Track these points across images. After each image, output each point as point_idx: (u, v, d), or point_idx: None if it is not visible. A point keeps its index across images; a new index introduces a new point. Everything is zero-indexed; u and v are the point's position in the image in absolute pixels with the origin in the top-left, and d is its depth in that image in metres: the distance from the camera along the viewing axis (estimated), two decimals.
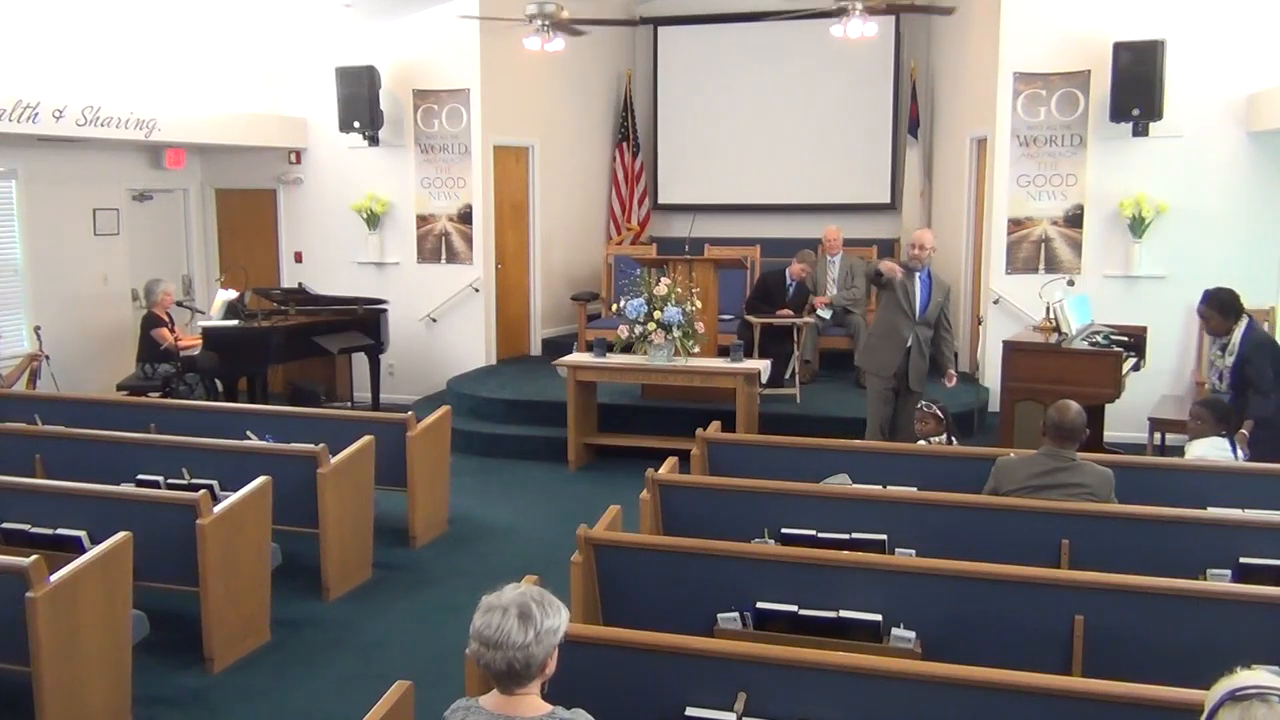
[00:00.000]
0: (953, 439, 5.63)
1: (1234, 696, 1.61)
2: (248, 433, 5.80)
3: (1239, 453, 5.15)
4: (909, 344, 6.49)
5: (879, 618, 3.48)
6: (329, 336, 8.69)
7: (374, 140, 9.45)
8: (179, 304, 8.89)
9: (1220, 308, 5.67)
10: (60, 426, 5.90)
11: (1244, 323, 5.63)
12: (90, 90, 7.79)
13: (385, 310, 9.23)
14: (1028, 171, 7.99)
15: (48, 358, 8.05)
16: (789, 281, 8.42)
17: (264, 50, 9.64)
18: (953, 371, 6.64)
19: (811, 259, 8.63)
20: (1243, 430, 5.31)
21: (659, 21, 11.00)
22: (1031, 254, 8.04)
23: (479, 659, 2.25)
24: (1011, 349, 6.85)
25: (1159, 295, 7.76)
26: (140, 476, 5.24)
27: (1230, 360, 5.61)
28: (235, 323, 8.49)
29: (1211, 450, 5.09)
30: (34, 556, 3.65)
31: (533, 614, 2.23)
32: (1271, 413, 5.43)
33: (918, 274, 6.47)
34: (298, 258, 10.12)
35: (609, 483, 6.99)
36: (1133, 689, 2.64)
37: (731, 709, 2.85)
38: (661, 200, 11.24)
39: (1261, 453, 5.28)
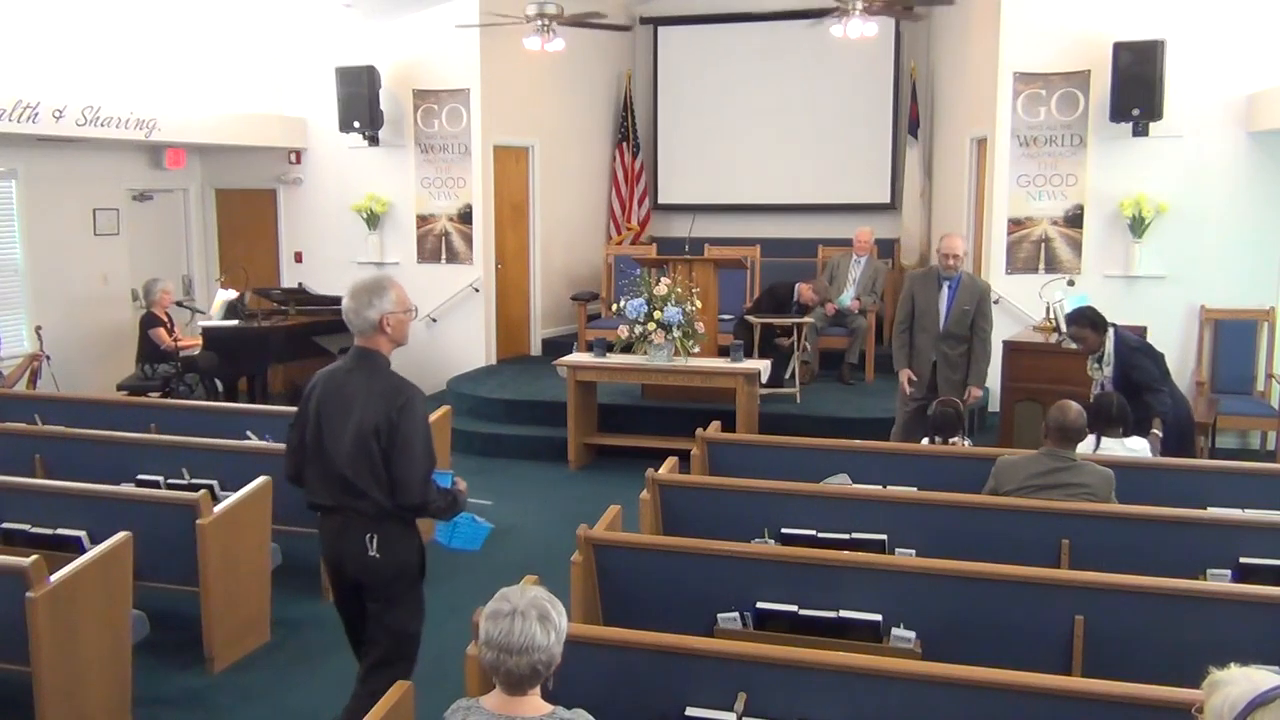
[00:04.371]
0: (967, 439, 5.58)
1: (1262, 701, 1.59)
2: (248, 433, 5.79)
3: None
4: (933, 359, 6.24)
5: (879, 618, 3.48)
6: (329, 336, 8.69)
7: (374, 140, 9.45)
8: (179, 304, 8.90)
9: (1092, 325, 5.59)
10: (60, 426, 5.90)
11: (1111, 333, 5.57)
12: (90, 90, 7.80)
13: None
14: (1028, 171, 7.99)
15: (48, 358, 8.05)
16: (796, 298, 8.39)
17: (264, 50, 9.64)
18: (975, 390, 6.27)
19: (825, 291, 8.58)
20: (1155, 431, 5.29)
21: (659, 22, 11.00)
22: (1031, 254, 8.04)
23: (498, 666, 2.24)
24: (1011, 349, 6.85)
25: (1159, 295, 7.76)
26: (140, 476, 5.24)
27: (1109, 371, 5.53)
28: (235, 323, 8.49)
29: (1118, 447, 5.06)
30: (34, 556, 3.65)
31: (550, 615, 2.26)
32: (1170, 407, 5.40)
33: (946, 283, 6.20)
34: (298, 258, 10.12)
35: (609, 483, 6.99)
36: (1133, 689, 2.64)
37: (731, 709, 2.85)
38: (661, 200, 11.24)
39: (1168, 448, 5.31)
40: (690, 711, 2.89)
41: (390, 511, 3.29)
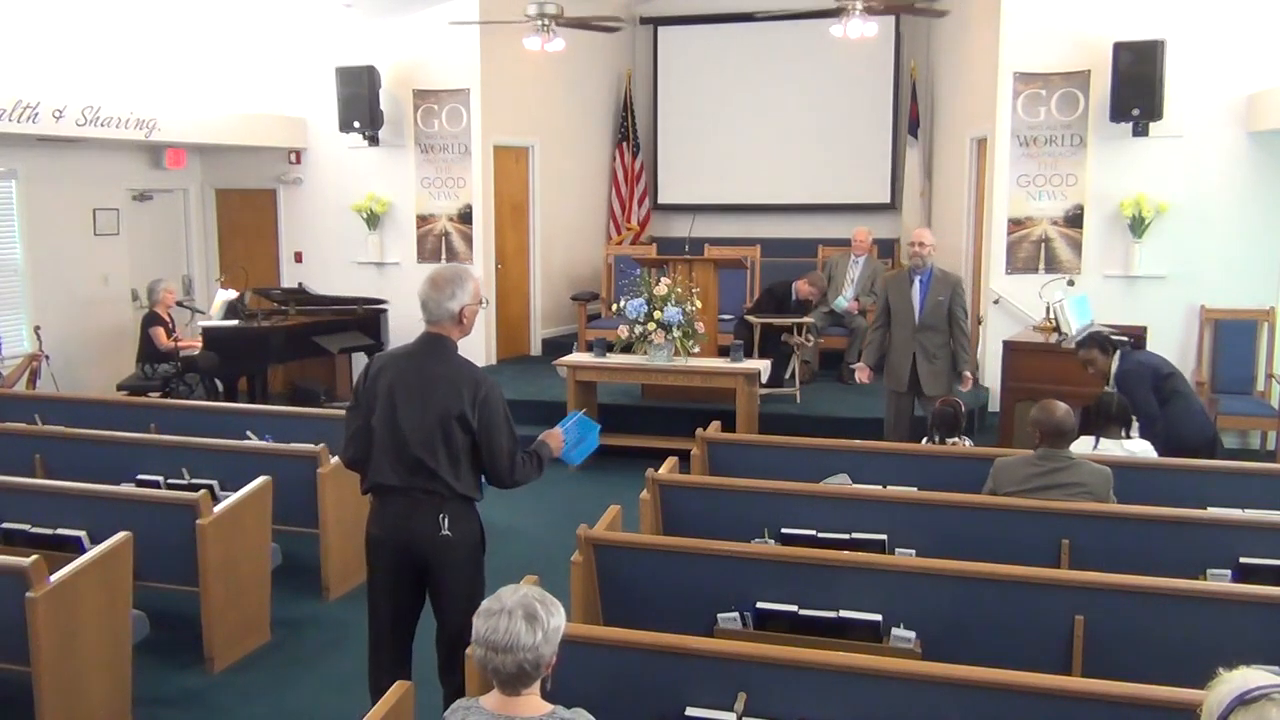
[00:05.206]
0: (967, 439, 5.57)
1: (1243, 700, 1.59)
2: (248, 433, 5.79)
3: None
4: (913, 352, 6.34)
5: (879, 618, 3.48)
6: (329, 336, 8.69)
7: (374, 140, 9.46)
8: (179, 304, 8.90)
9: (1101, 348, 5.59)
10: (60, 426, 5.90)
11: (1117, 356, 5.56)
12: (90, 90, 7.80)
13: (385, 310, 9.25)
14: (1028, 171, 7.99)
15: (48, 358, 8.06)
16: (794, 297, 8.40)
17: (264, 50, 9.64)
18: (967, 374, 6.39)
19: (821, 282, 8.61)
20: None
21: (659, 21, 11.00)
22: (1031, 254, 8.04)
23: (486, 664, 2.26)
24: (1011, 349, 6.85)
25: (1159, 295, 7.76)
26: (140, 476, 5.23)
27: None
28: (235, 323, 8.49)
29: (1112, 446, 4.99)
30: (34, 556, 3.65)
31: (538, 614, 2.25)
32: (1160, 434, 5.30)
33: (917, 277, 6.35)
34: (298, 258, 10.12)
35: (609, 483, 6.99)
36: (1133, 689, 2.64)
37: (731, 709, 2.85)
38: (661, 200, 11.24)
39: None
40: (690, 711, 2.89)
41: (457, 492, 3.41)
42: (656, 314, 7.25)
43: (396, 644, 3.57)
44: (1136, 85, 7.44)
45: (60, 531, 4.49)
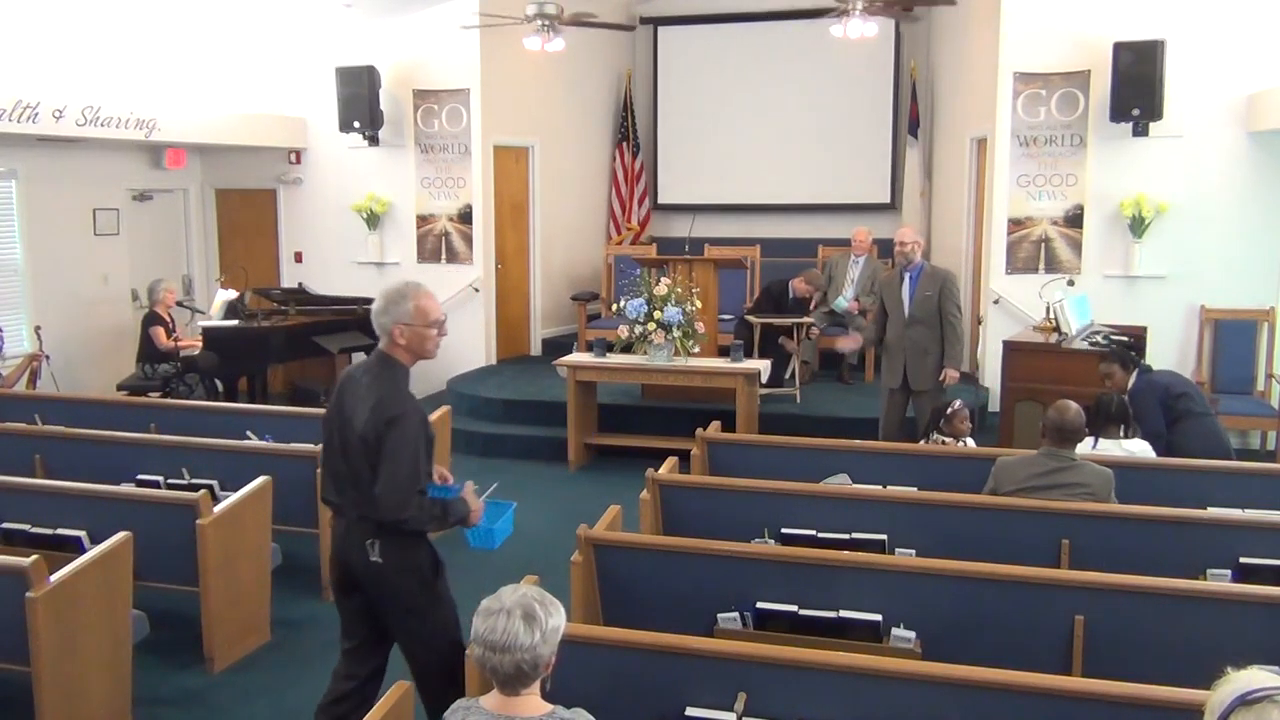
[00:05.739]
0: (968, 439, 5.58)
1: (1245, 701, 1.59)
2: (248, 433, 5.79)
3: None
4: (904, 347, 6.43)
5: (879, 618, 3.48)
6: (329, 336, 8.69)
7: (374, 140, 9.46)
8: (179, 304, 8.90)
9: (1122, 363, 5.64)
10: (60, 426, 5.90)
11: (1134, 373, 5.61)
12: (90, 90, 7.80)
13: None
14: (1028, 171, 7.98)
15: (48, 358, 8.06)
16: (792, 295, 8.41)
17: (264, 50, 9.64)
18: (948, 369, 6.43)
19: (819, 280, 8.62)
20: None
21: (659, 21, 11.00)
22: (1031, 254, 8.04)
23: (485, 664, 2.26)
24: (1011, 349, 6.85)
25: (1159, 295, 7.76)
26: (140, 476, 5.24)
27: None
28: (235, 323, 8.49)
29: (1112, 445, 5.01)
30: (34, 556, 3.65)
31: (536, 614, 2.25)
32: (1165, 453, 5.29)
33: (906, 274, 6.42)
34: (298, 258, 10.12)
35: (609, 483, 6.99)
36: (1133, 689, 2.64)
37: (731, 709, 2.85)
38: (661, 200, 11.24)
39: None
40: (690, 711, 2.89)
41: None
42: (656, 314, 7.25)
43: (351, 656, 3.44)
44: (1136, 85, 7.44)
45: (60, 531, 4.49)
